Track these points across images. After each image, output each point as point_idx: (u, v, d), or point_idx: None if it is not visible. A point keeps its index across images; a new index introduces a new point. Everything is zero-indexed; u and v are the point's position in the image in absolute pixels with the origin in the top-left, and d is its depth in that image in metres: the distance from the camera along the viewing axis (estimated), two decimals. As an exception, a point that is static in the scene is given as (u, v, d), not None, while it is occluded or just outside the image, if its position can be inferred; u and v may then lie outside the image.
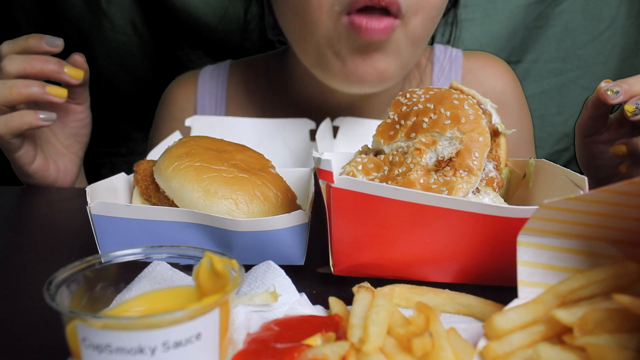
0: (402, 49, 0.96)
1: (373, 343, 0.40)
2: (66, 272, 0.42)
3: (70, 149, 1.10)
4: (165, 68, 1.65)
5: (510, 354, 0.41)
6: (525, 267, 0.47)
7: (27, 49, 0.95)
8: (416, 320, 0.45)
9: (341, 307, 0.49)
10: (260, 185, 0.64)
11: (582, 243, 0.47)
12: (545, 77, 1.62)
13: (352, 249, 0.55)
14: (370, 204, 0.51)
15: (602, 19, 1.58)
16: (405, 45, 0.96)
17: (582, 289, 0.44)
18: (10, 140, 0.96)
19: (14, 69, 0.93)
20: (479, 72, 1.24)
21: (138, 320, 0.36)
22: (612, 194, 0.42)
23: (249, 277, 0.53)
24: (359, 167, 0.61)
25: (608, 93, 0.75)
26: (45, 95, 0.94)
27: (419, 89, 0.65)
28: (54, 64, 0.95)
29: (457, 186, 0.55)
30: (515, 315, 0.43)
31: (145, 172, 0.69)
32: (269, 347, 0.42)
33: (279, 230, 0.57)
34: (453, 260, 0.54)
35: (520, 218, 0.50)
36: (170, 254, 0.48)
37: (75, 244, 0.73)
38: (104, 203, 0.59)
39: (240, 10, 1.42)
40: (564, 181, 0.59)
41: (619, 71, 1.60)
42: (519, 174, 0.67)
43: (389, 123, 0.64)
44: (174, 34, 1.63)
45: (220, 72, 1.29)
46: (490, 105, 0.64)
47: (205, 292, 0.44)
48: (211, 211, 0.60)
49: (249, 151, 0.73)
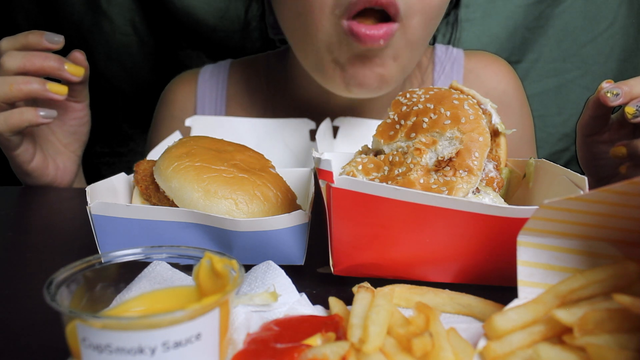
0: (401, 53, 0.95)
1: (373, 343, 0.40)
2: (66, 272, 0.42)
3: (70, 148, 1.10)
4: (165, 68, 1.64)
5: (510, 354, 0.41)
6: (525, 267, 0.47)
7: (27, 46, 0.94)
8: (416, 320, 0.45)
9: (341, 307, 0.49)
10: (260, 185, 0.64)
11: (582, 243, 0.47)
12: (545, 77, 1.62)
13: (352, 249, 0.55)
14: (370, 204, 0.51)
15: (602, 19, 1.58)
16: (404, 49, 0.95)
17: (582, 289, 0.44)
18: (9, 138, 0.95)
19: (13, 66, 0.92)
20: (481, 72, 1.24)
21: (138, 320, 0.36)
22: (612, 194, 0.42)
23: (249, 277, 0.53)
24: (359, 167, 0.61)
25: (608, 95, 0.75)
26: (46, 92, 0.93)
27: (419, 89, 0.65)
28: (54, 61, 0.95)
29: (457, 186, 0.55)
30: (515, 315, 0.43)
31: (145, 172, 0.69)
32: (269, 347, 0.42)
33: (279, 230, 0.57)
34: (453, 260, 0.54)
35: (520, 218, 0.50)
36: (170, 254, 0.48)
37: (75, 244, 0.73)
38: (104, 203, 0.59)
39: (240, 10, 1.42)
40: (564, 181, 0.59)
41: (619, 71, 1.60)
42: (519, 174, 0.67)
43: (389, 123, 0.64)
44: (174, 33, 1.63)
45: (221, 71, 1.29)
46: (490, 105, 0.64)
47: (205, 292, 0.44)
48: (211, 211, 0.60)
49: (249, 151, 0.73)
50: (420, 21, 0.93)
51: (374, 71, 0.95)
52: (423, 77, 1.24)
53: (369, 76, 0.96)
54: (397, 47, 0.94)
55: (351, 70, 0.95)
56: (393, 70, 0.97)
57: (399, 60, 0.96)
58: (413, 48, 0.97)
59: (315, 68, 1.01)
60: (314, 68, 1.01)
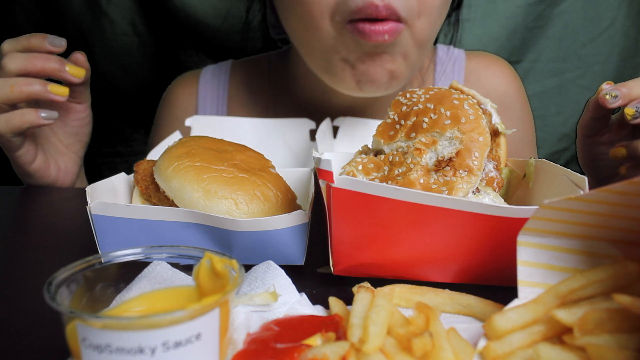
0: (409, 51, 0.96)
1: (373, 343, 0.40)
2: (66, 272, 0.42)
3: (71, 149, 1.10)
4: (165, 68, 1.65)
5: (510, 354, 0.41)
6: (525, 267, 0.47)
7: (29, 48, 0.94)
8: (416, 320, 0.45)
9: (341, 307, 0.49)
10: (260, 185, 0.64)
11: (582, 243, 0.47)
12: (545, 77, 1.62)
13: (352, 249, 0.55)
14: (370, 204, 0.51)
15: (602, 19, 1.58)
16: (412, 47, 0.96)
17: (582, 289, 0.44)
18: (11, 139, 0.96)
19: (15, 67, 0.92)
20: (482, 73, 1.24)
21: (138, 320, 0.36)
22: (612, 194, 0.42)
23: (249, 277, 0.53)
24: (359, 167, 0.61)
25: (607, 97, 0.75)
26: (47, 94, 0.93)
27: (419, 89, 0.65)
28: (56, 62, 0.95)
29: (457, 186, 0.55)
30: (515, 315, 0.43)
31: (145, 172, 0.69)
32: (269, 347, 0.42)
33: (279, 230, 0.57)
34: (453, 260, 0.54)
35: (520, 218, 0.50)
36: (170, 254, 0.48)
37: (75, 244, 0.73)
38: (104, 203, 0.59)
39: (241, 11, 1.41)
40: (564, 181, 0.59)
41: (619, 71, 1.60)
42: (519, 174, 0.67)
43: (389, 123, 0.64)
44: (174, 34, 1.63)
45: (222, 72, 1.29)
46: (491, 105, 0.64)
47: (205, 292, 0.44)
48: (211, 211, 0.60)
49: (249, 151, 0.73)
50: (426, 21, 0.94)
51: (384, 67, 0.95)
52: (424, 78, 1.24)
53: (380, 72, 0.96)
54: (406, 45, 0.95)
55: (362, 67, 0.96)
56: (403, 67, 0.97)
57: (408, 59, 0.97)
58: (421, 47, 0.98)
59: (324, 69, 1.01)
60: (322, 69, 1.01)
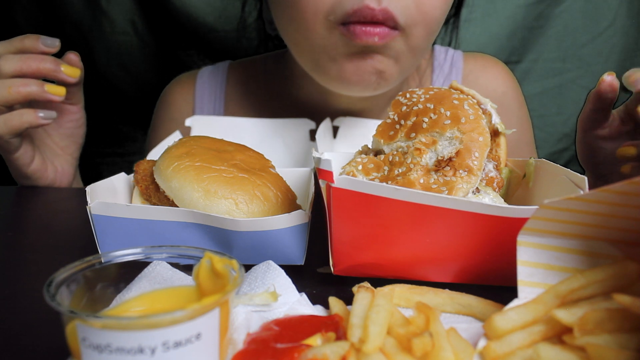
0: (401, 56, 0.95)
1: (373, 343, 0.40)
2: (66, 272, 0.42)
3: (66, 150, 1.10)
4: (165, 68, 1.65)
5: (510, 354, 0.41)
6: (525, 267, 0.47)
7: (22, 50, 0.94)
8: (416, 320, 0.45)
9: (341, 307, 0.49)
10: (260, 185, 0.64)
11: (582, 243, 0.47)
12: (545, 77, 1.62)
13: (352, 249, 0.54)
14: (370, 204, 0.51)
15: (602, 19, 1.58)
16: (406, 54, 0.95)
17: (582, 289, 0.44)
18: (9, 140, 0.96)
19: (10, 69, 0.92)
20: (480, 75, 1.24)
21: (138, 320, 0.36)
22: (612, 194, 0.42)
23: (249, 277, 0.53)
24: (359, 167, 0.61)
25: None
26: (44, 94, 0.93)
27: (419, 89, 0.65)
28: (51, 63, 0.95)
29: (457, 186, 0.55)
30: (515, 315, 0.43)
31: (145, 172, 0.69)
32: (269, 347, 0.42)
33: (279, 230, 0.57)
34: (453, 260, 0.54)
35: (520, 218, 0.50)
36: (170, 254, 0.48)
37: (75, 244, 0.73)
38: (104, 203, 0.59)
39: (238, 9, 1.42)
40: (564, 181, 0.59)
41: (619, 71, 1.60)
42: (519, 174, 0.67)
43: (389, 123, 0.64)
44: (174, 34, 1.63)
45: (219, 73, 1.29)
46: (490, 105, 0.64)
47: (205, 292, 0.44)
48: (211, 211, 0.60)
49: (249, 151, 0.73)
50: (422, 30, 0.93)
51: (373, 66, 0.94)
52: (421, 80, 1.24)
53: (368, 71, 0.95)
54: (398, 50, 0.94)
55: (349, 66, 0.94)
56: (393, 69, 0.96)
57: (400, 63, 0.96)
58: (415, 53, 0.97)
59: (312, 67, 1.01)
60: (311, 67, 1.01)
